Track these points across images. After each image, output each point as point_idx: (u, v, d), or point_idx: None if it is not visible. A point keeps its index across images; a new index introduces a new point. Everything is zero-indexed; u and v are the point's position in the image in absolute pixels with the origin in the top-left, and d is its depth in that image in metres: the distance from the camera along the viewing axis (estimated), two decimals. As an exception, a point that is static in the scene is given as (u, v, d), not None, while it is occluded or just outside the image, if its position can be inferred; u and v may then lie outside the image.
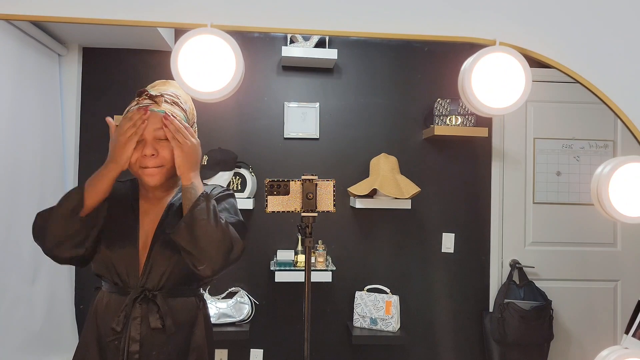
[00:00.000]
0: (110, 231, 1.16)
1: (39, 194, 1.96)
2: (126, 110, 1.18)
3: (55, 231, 1.08)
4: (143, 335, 1.12)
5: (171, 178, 1.20)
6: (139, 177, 1.16)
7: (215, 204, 1.10)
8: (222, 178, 2.19)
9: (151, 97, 1.16)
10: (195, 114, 1.30)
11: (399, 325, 2.29)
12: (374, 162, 2.35)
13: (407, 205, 2.33)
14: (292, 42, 2.34)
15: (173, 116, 1.14)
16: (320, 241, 2.31)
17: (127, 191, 1.24)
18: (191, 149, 1.12)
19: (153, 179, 1.14)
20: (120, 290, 1.15)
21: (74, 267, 2.23)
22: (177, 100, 1.20)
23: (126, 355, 1.10)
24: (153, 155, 1.12)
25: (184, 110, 1.22)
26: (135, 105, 1.16)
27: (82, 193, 1.09)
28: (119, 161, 1.10)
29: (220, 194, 1.24)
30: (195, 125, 1.31)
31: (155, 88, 1.23)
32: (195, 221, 1.06)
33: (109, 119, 1.15)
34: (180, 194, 1.22)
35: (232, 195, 1.28)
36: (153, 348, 1.13)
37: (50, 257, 1.12)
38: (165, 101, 1.17)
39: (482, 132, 2.33)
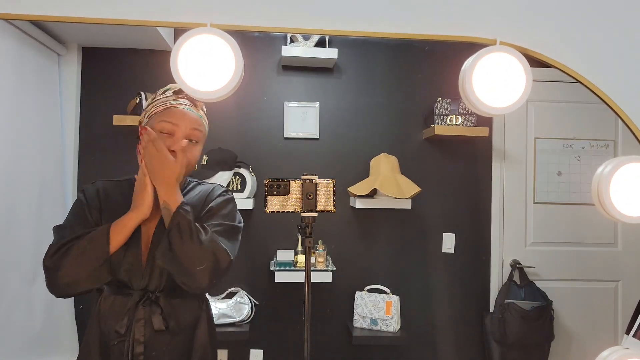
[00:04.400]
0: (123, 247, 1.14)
1: (39, 194, 1.96)
2: (131, 110, 1.19)
3: (74, 277, 1.06)
4: (147, 337, 1.12)
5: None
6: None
7: (190, 219, 1.07)
8: (222, 178, 2.19)
9: (191, 100, 1.18)
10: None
11: (399, 326, 2.29)
12: (374, 162, 2.35)
13: (407, 205, 2.32)
14: (292, 41, 2.33)
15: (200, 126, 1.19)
16: (320, 241, 2.30)
17: (127, 192, 1.21)
18: (159, 165, 1.09)
19: None
20: (123, 292, 1.14)
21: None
22: (205, 116, 1.25)
23: (131, 357, 1.10)
24: (173, 151, 1.12)
25: (207, 128, 1.26)
26: (174, 101, 1.17)
27: (108, 244, 1.07)
28: (140, 209, 1.10)
29: (218, 201, 1.23)
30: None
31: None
32: (171, 244, 1.06)
33: (142, 165, 1.13)
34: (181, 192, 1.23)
35: (231, 200, 1.26)
36: (157, 349, 1.13)
37: (56, 296, 1.09)
38: (202, 109, 1.22)
39: (482, 131, 2.33)
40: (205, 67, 0.94)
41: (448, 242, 2.47)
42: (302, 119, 2.42)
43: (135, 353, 1.11)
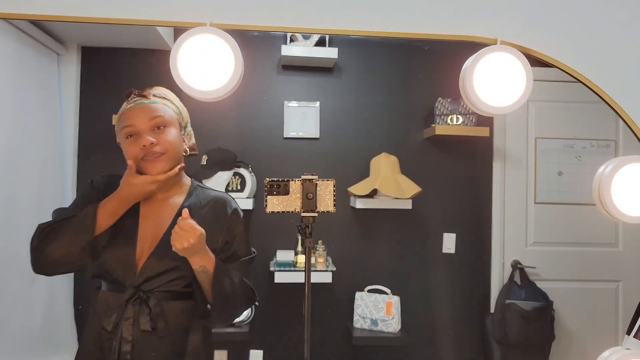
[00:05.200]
0: (107, 232, 1.14)
1: (38, 194, 1.96)
2: (120, 112, 1.19)
3: (56, 256, 1.08)
4: (135, 337, 1.11)
5: (173, 165, 1.18)
6: (141, 168, 1.14)
7: (228, 276, 1.16)
8: (222, 178, 2.19)
9: (139, 94, 1.18)
10: (188, 115, 1.30)
11: (399, 326, 2.28)
12: (374, 161, 2.35)
13: (407, 205, 2.32)
14: (292, 41, 2.33)
15: (166, 105, 1.19)
16: (320, 241, 2.30)
17: None
18: (192, 245, 1.07)
19: (156, 166, 1.13)
20: (119, 289, 1.14)
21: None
22: (166, 97, 1.22)
23: (118, 355, 1.10)
24: (152, 144, 1.12)
25: (176, 106, 1.24)
26: (127, 105, 1.18)
27: (95, 224, 1.09)
28: (125, 198, 1.12)
29: (238, 225, 1.26)
30: (190, 127, 1.30)
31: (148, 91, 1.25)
32: (214, 303, 1.17)
33: (131, 163, 1.13)
34: (189, 198, 1.23)
35: (241, 218, 1.28)
36: (146, 349, 1.12)
37: (37, 273, 1.11)
38: (154, 95, 1.19)
39: (483, 131, 2.33)
40: (205, 67, 0.94)
41: (449, 243, 2.47)
42: (302, 118, 2.41)
43: (122, 352, 1.10)
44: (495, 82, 0.98)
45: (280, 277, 2.19)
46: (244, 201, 2.22)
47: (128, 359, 1.10)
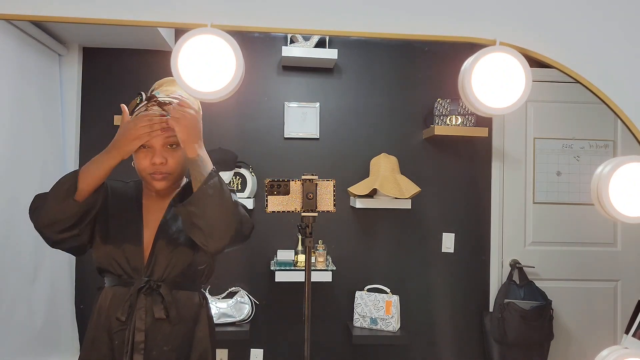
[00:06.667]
0: (114, 226, 1.19)
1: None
2: (131, 110, 1.20)
3: (48, 211, 1.09)
4: (148, 326, 1.13)
5: (176, 182, 1.25)
6: (147, 181, 1.20)
7: (224, 183, 1.13)
8: (223, 178, 2.19)
9: (160, 105, 1.17)
10: (201, 113, 1.31)
11: (399, 325, 2.29)
12: (374, 162, 2.35)
13: (407, 205, 2.33)
14: (292, 42, 2.34)
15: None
16: (320, 241, 2.31)
17: (131, 190, 1.28)
18: (190, 120, 1.11)
19: (160, 184, 1.19)
20: (125, 283, 1.16)
21: (74, 266, 2.23)
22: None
23: (131, 345, 1.12)
24: (162, 163, 1.16)
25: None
26: (145, 110, 1.17)
27: (76, 177, 1.10)
28: (122, 151, 1.12)
29: None
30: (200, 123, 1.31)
31: (162, 88, 1.24)
32: (207, 195, 1.07)
33: (123, 106, 1.17)
34: (181, 191, 1.25)
35: (233, 190, 1.29)
36: (158, 339, 1.14)
37: (42, 237, 1.13)
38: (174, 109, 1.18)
39: (482, 132, 2.34)
40: (205, 68, 0.94)
41: (448, 242, 2.48)
42: (302, 119, 2.42)
43: (136, 341, 1.12)
44: (494, 83, 0.98)
45: (280, 277, 2.20)
46: (244, 201, 2.22)
47: (141, 348, 1.11)
